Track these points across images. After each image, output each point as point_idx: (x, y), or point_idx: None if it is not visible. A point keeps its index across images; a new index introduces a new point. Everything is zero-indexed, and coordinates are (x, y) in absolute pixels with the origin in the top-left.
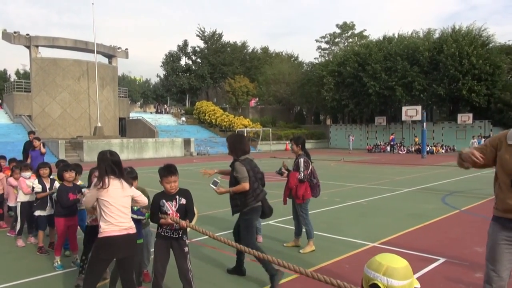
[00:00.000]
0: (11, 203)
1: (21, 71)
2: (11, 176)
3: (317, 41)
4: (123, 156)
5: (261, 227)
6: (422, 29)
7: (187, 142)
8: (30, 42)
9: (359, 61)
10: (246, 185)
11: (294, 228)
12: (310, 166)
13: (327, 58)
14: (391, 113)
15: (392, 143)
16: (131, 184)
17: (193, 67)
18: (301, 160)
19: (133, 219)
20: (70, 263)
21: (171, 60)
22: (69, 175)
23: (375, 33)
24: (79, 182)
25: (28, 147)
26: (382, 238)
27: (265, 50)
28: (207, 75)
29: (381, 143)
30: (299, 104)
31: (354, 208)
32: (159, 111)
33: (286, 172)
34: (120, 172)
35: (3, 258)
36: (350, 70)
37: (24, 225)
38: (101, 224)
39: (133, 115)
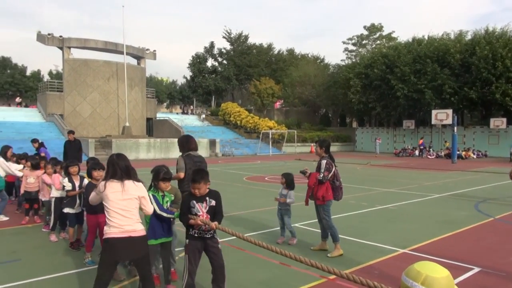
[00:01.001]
0: (44, 198)
1: (54, 72)
2: (44, 172)
3: (344, 43)
4: (150, 156)
5: (294, 231)
6: (453, 31)
7: (212, 143)
8: (63, 44)
9: (387, 63)
10: (181, 174)
11: (320, 231)
12: (333, 168)
13: (354, 60)
14: (419, 117)
15: (421, 147)
16: (158, 187)
17: (219, 69)
18: (323, 162)
19: (164, 217)
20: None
21: (197, 62)
22: (97, 173)
23: (404, 35)
24: None
25: (68, 146)
26: (412, 245)
27: (290, 52)
28: (232, 76)
29: (409, 147)
30: (325, 106)
31: (382, 213)
32: (185, 112)
33: (309, 172)
34: (126, 174)
35: (37, 252)
36: (377, 73)
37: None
38: (105, 226)
39: (160, 115)
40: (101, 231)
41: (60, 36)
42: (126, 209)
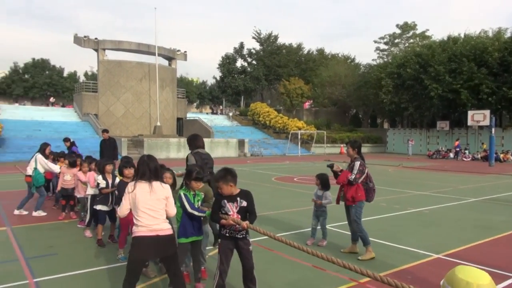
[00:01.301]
0: (78, 195)
1: (89, 73)
2: (80, 170)
3: (375, 42)
4: (180, 155)
5: (327, 233)
6: (491, 29)
7: (241, 143)
8: (98, 46)
9: (421, 63)
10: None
11: (350, 233)
12: (366, 170)
13: (386, 60)
14: (454, 118)
15: (457, 149)
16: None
17: (249, 69)
18: (357, 163)
19: (195, 216)
20: None
21: (227, 62)
22: (128, 171)
23: (438, 33)
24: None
25: (104, 145)
26: (446, 250)
27: (320, 51)
28: (262, 76)
29: (443, 149)
30: (355, 106)
31: (414, 216)
32: (214, 112)
33: (340, 169)
34: (154, 176)
35: (73, 247)
36: (410, 72)
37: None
38: (134, 226)
39: (190, 115)
40: (125, 227)
41: (96, 38)
42: (154, 209)
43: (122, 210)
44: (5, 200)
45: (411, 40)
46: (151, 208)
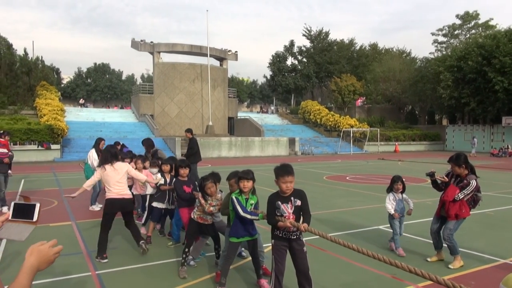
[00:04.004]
0: (134, 191)
1: (145, 75)
2: (135, 169)
3: (433, 34)
4: (231, 154)
5: (398, 238)
6: None
7: (292, 142)
8: (153, 49)
9: (484, 55)
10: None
11: (432, 241)
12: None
13: (444, 53)
14: None
15: None
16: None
17: (299, 67)
18: (473, 183)
19: (247, 220)
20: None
21: (277, 61)
22: (184, 171)
23: (504, 22)
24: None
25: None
26: None
27: (374, 46)
28: (312, 74)
29: (509, 147)
30: (411, 103)
31: (478, 218)
32: (264, 110)
33: (444, 179)
34: (115, 158)
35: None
36: (472, 65)
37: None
38: (106, 192)
39: (241, 114)
40: (186, 222)
41: (151, 42)
42: (120, 181)
43: (89, 183)
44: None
45: (473, 31)
46: (119, 181)
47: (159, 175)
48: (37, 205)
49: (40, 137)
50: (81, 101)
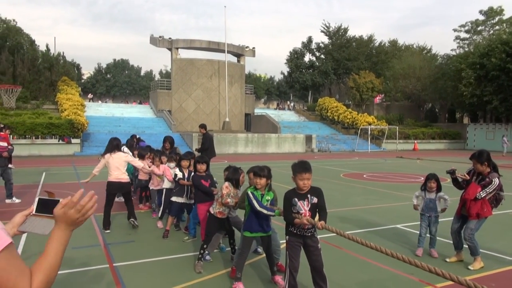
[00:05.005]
0: (151, 186)
1: (164, 71)
2: (153, 164)
3: (455, 30)
4: (247, 150)
5: (436, 239)
6: None
7: (308, 139)
8: (171, 45)
9: (508, 51)
10: None
11: (452, 241)
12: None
13: (467, 49)
14: None
15: None
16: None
17: (317, 63)
18: (496, 181)
19: (263, 215)
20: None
21: (295, 57)
22: (201, 167)
23: None
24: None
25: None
26: None
27: (393, 43)
28: (330, 71)
29: None
30: (431, 100)
31: (500, 218)
32: (281, 107)
33: (466, 177)
34: (117, 149)
35: (148, 235)
36: (495, 62)
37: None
38: (108, 176)
39: (258, 111)
40: (202, 219)
41: (169, 38)
42: (119, 167)
43: (97, 169)
44: (89, 189)
45: (497, 27)
46: (117, 167)
47: (177, 169)
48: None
49: (61, 131)
50: (90, 96)
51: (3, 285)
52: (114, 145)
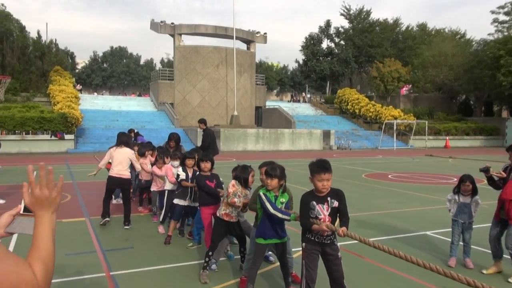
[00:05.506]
0: (154, 188)
1: (165, 60)
2: (154, 164)
3: (492, 12)
4: (258, 147)
5: (454, 247)
6: None
7: (326, 134)
8: (174, 31)
9: None
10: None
11: (491, 250)
12: None
13: (506, 34)
14: None
15: None
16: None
17: (336, 50)
18: None
19: (278, 218)
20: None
21: (311, 44)
22: (205, 165)
23: None
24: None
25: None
26: None
27: (422, 27)
28: (351, 58)
29: None
30: (465, 91)
31: None
32: (295, 99)
33: (502, 175)
34: (124, 144)
35: (149, 241)
36: None
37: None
38: (110, 170)
39: (269, 103)
40: (207, 224)
41: (172, 23)
42: (121, 162)
43: (102, 162)
44: (84, 190)
45: None
46: (120, 162)
47: (180, 169)
48: None
49: (53, 126)
50: (78, 86)
51: (6, 280)
52: (122, 141)
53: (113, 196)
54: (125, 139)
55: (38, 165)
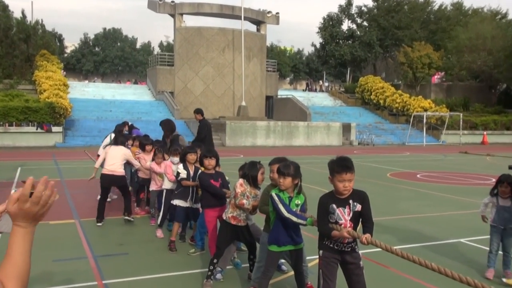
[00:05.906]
0: (153, 187)
1: (165, 43)
2: (153, 160)
3: None
4: (269, 142)
5: (492, 256)
6: None
7: (346, 128)
8: (175, 10)
9: None
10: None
11: None
12: None
13: None
14: None
15: None
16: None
17: (358, 33)
18: None
19: (292, 222)
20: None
21: (330, 25)
22: (209, 162)
23: None
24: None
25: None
26: None
27: (457, 6)
28: (375, 42)
29: None
30: (506, 80)
31: None
32: (311, 88)
33: None
34: (120, 143)
35: (145, 247)
36: None
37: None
38: (103, 168)
39: (282, 93)
40: (211, 228)
41: (172, 1)
42: (114, 159)
43: (98, 162)
44: (73, 189)
45: None
46: (112, 158)
47: (180, 166)
48: None
49: (39, 117)
50: (62, 73)
51: None
52: (118, 142)
53: None
54: (123, 140)
55: (40, 179)
